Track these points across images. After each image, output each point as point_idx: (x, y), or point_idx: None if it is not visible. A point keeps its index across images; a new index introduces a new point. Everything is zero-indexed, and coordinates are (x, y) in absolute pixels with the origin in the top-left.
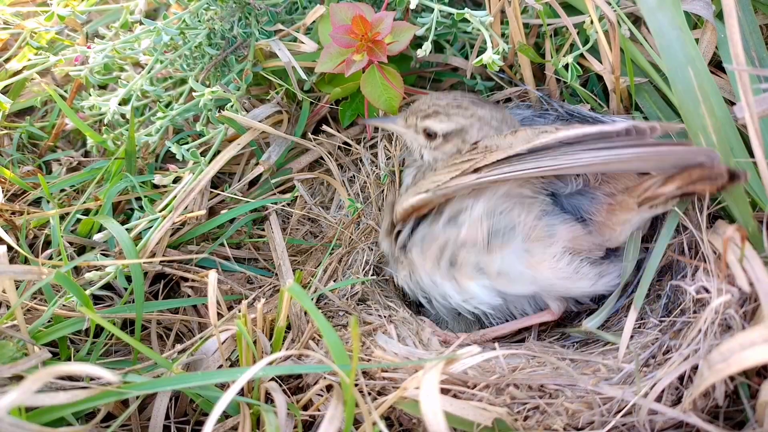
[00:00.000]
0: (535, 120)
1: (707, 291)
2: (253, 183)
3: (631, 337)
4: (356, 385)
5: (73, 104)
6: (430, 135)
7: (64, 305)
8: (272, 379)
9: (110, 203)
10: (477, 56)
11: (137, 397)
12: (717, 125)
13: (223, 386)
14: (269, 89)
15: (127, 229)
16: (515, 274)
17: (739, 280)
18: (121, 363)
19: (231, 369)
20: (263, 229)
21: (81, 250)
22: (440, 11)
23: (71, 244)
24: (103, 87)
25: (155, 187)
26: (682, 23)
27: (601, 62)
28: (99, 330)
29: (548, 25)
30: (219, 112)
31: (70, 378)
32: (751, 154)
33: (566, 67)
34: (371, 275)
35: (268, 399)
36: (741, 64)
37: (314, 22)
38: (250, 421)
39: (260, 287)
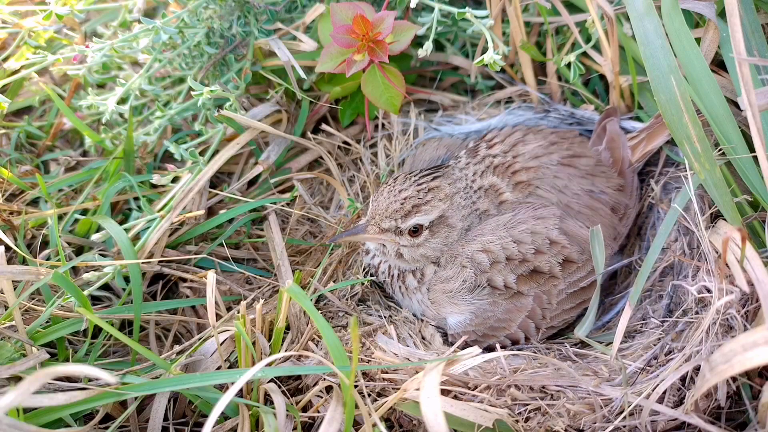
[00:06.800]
0: (538, 123)
1: (709, 291)
2: (252, 183)
3: (633, 337)
4: (356, 386)
5: (72, 103)
6: (415, 231)
7: (62, 306)
8: (271, 380)
9: (108, 203)
10: (479, 55)
11: (136, 399)
12: (701, 134)
13: (222, 387)
14: (268, 88)
15: (125, 229)
16: None
17: (738, 281)
18: (119, 364)
19: (230, 370)
20: (262, 229)
21: (79, 251)
22: (440, 10)
23: (69, 244)
24: (101, 86)
25: (153, 186)
26: (682, 25)
27: (601, 60)
28: (97, 331)
29: (549, 23)
30: (218, 111)
31: (69, 379)
32: (752, 149)
33: (568, 66)
34: (371, 276)
35: (267, 400)
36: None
37: (314, 20)
38: (249, 422)
39: (259, 288)
